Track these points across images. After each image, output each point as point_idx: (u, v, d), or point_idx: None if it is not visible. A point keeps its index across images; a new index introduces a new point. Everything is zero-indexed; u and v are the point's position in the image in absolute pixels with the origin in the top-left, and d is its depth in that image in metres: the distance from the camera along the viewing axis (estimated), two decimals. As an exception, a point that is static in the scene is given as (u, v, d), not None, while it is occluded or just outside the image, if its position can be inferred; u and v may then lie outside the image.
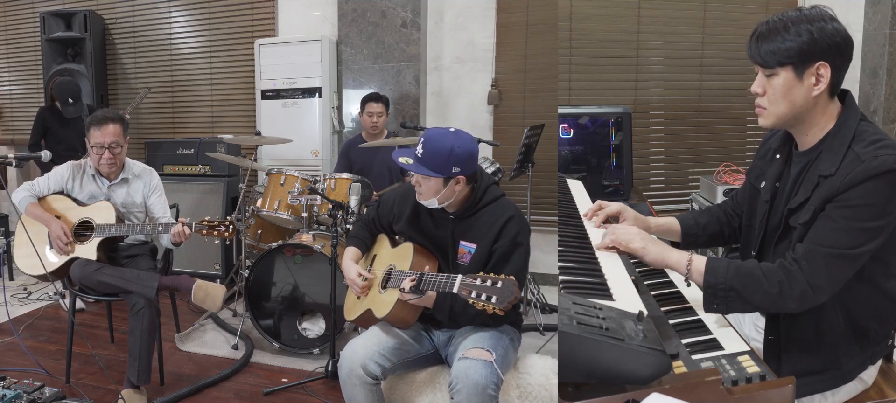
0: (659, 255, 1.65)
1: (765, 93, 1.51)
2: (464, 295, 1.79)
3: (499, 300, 1.72)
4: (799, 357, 1.54)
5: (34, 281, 3.91)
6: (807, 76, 1.45)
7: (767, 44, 1.46)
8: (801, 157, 1.56)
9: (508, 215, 2.07)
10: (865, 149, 1.41)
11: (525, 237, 2.07)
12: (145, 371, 2.67)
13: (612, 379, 1.22)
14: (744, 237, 1.79)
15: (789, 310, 1.46)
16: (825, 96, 1.48)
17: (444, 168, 2.01)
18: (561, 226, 2.13)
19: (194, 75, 5.41)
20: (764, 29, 1.47)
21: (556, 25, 4.38)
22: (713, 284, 1.49)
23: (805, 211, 1.48)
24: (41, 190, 2.92)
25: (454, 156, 2.00)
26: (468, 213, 2.11)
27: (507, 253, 2.04)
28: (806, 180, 1.51)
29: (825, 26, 1.42)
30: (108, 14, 5.53)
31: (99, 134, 2.81)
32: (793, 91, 1.46)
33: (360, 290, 2.27)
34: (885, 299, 1.54)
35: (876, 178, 1.37)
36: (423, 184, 2.07)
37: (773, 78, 1.48)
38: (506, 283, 1.73)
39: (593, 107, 3.61)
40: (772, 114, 1.51)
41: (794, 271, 1.42)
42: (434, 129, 2.08)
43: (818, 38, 1.41)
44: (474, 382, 1.85)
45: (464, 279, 1.82)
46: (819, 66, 1.43)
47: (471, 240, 2.10)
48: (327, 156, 4.75)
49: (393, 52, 4.66)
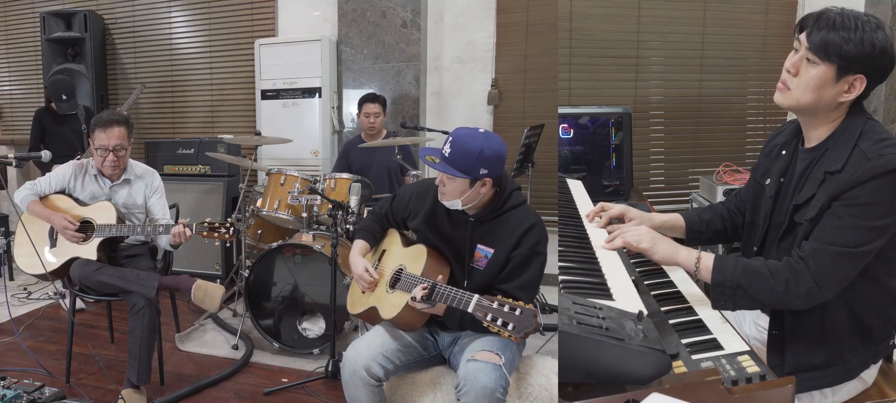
0: (668, 253, 1.66)
1: (797, 74, 1.48)
2: (479, 316, 1.75)
3: (516, 329, 1.66)
4: (803, 353, 1.54)
5: (34, 280, 3.91)
6: (843, 81, 1.44)
7: (827, 33, 1.41)
8: (806, 154, 1.57)
9: (531, 222, 2.03)
10: (872, 147, 1.42)
11: (544, 246, 2.04)
12: (145, 371, 2.67)
13: (612, 379, 1.22)
14: (746, 234, 1.79)
15: (795, 307, 1.48)
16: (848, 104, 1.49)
17: (472, 169, 1.96)
18: (561, 226, 2.13)
19: (194, 75, 5.41)
20: (836, 18, 1.42)
21: (556, 25, 4.39)
22: (721, 282, 1.50)
23: (811, 207, 1.48)
24: (43, 189, 2.91)
25: (483, 157, 1.95)
26: (490, 217, 2.07)
27: (525, 262, 2.01)
28: (812, 176, 1.52)
29: (879, 44, 1.40)
30: (108, 14, 5.53)
31: (104, 136, 2.81)
32: (825, 88, 1.45)
33: (366, 286, 2.24)
34: (889, 297, 1.55)
35: (882, 177, 1.38)
36: (448, 184, 2.02)
37: (813, 67, 1.45)
38: (525, 313, 1.67)
39: (593, 107, 3.60)
40: (794, 97, 1.50)
41: (801, 269, 1.43)
42: (463, 129, 2.02)
43: (869, 53, 1.40)
44: (483, 385, 1.83)
45: (480, 300, 1.77)
46: (858, 78, 1.44)
47: (489, 245, 2.06)
48: (327, 156, 4.75)
49: (393, 51, 4.66)
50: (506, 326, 1.67)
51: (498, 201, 2.07)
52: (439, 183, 2.06)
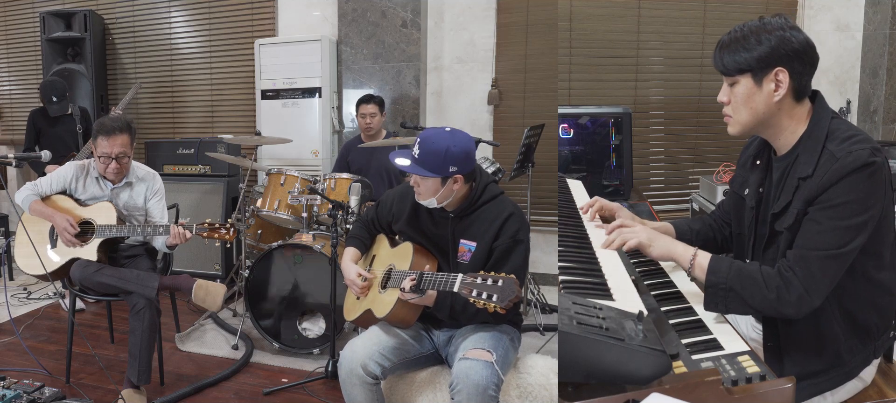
0: (664, 248, 1.68)
1: (729, 101, 1.56)
2: (465, 293, 1.80)
3: (500, 298, 1.72)
4: (802, 360, 1.54)
5: (34, 280, 3.91)
6: (766, 82, 1.48)
7: (729, 53, 1.51)
8: (780, 162, 1.59)
9: (508, 212, 2.08)
10: (839, 146, 1.43)
11: (525, 234, 2.08)
12: (145, 371, 2.67)
13: (612, 379, 1.22)
14: (736, 245, 1.81)
15: (788, 315, 1.48)
16: (789, 101, 1.51)
17: (441, 168, 2.01)
18: (561, 226, 2.13)
19: (194, 75, 5.41)
20: (726, 39, 1.53)
21: (556, 25, 4.39)
22: (714, 283, 1.51)
23: (788, 215, 1.50)
24: (43, 190, 2.91)
25: (450, 155, 2.00)
26: (468, 212, 2.12)
27: (508, 251, 2.05)
28: (787, 184, 1.53)
29: (783, 34, 1.46)
30: (108, 14, 5.53)
31: (107, 143, 2.79)
32: (753, 97, 1.51)
33: (359, 291, 2.27)
34: (881, 291, 1.55)
35: (852, 174, 1.39)
36: (422, 184, 2.07)
37: (736, 86, 1.53)
38: (507, 282, 1.74)
39: (593, 107, 3.60)
40: (736, 121, 1.56)
41: (790, 277, 1.43)
42: (430, 130, 2.08)
43: (776, 46, 1.45)
44: (475, 382, 1.86)
45: (464, 278, 1.82)
46: (777, 72, 1.47)
47: (471, 239, 2.10)
48: (327, 156, 4.75)
49: (393, 51, 4.66)
50: (491, 298, 1.73)
51: (473, 196, 2.11)
52: (414, 184, 2.12)
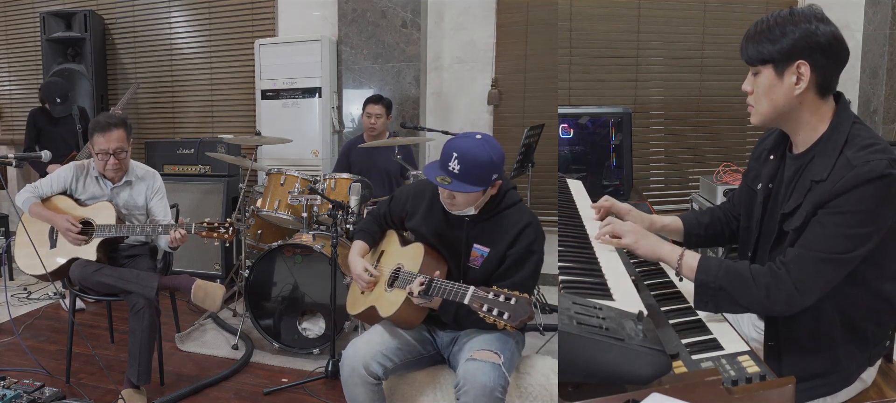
0: (650, 248, 1.69)
1: (752, 91, 1.55)
2: (475, 307, 1.76)
3: (511, 317, 1.68)
4: (800, 361, 1.54)
5: (34, 280, 3.91)
6: (787, 75, 1.47)
7: (753, 44, 1.50)
8: (794, 160, 1.57)
9: (526, 221, 2.03)
10: (857, 154, 1.41)
11: (540, 245, 2.04)
12: (145, 371, 2.67)
13: (612, 379, 1.22)
14: (742, 238, 1.80)
15: (778, 313, 1.48)
16: (811, 96, 1.49)
17: (486, 179, 1.97)
18: (561, 226, 2.13)
19: (194, 75, 5.41)
20: (753, 29, 1.52)
21: (556, 25, 4.39)
22: (704, 282, 1.51)
23: (797, 216, 1.48)
24: (44, 191, 2.91)
25: (493, 165, 1.96)
26: (485, 216, 2.07)
27: (521, 260, 2.01)
28: (799, 184, 1.52)
29: (809, 27, 1.44)
30: (108, 14, 5.53)
31: (103, 140, 2.79)
32: (774, 89, 1.49)
33: (365, 286, 2.24)
34: (881, 301, 1.54)
35: (866, 184, 1.37)
36: (460, 197, 2.01)
37: (758, 76, 1.52)
38: (520, 302, 1.69)
39: (593, 107, 3.61)
40: (757, 112, 1.56)
41: (781, 274, 1.43)
42: (462, 141, 1.99)
43: (799, 38, 1.44)
44: (482, 384, 1.83)
45: (476, 291, 1.79)
46: (799, 65, 1.45)
47: (485, 244, 2.06)
48: (327, 156, 4.75)
49: (393, 52, 4.66)
50: (502, 316, 1.70)
51: (494, 201, 2.07)
52: (449, 196, 2.04)
